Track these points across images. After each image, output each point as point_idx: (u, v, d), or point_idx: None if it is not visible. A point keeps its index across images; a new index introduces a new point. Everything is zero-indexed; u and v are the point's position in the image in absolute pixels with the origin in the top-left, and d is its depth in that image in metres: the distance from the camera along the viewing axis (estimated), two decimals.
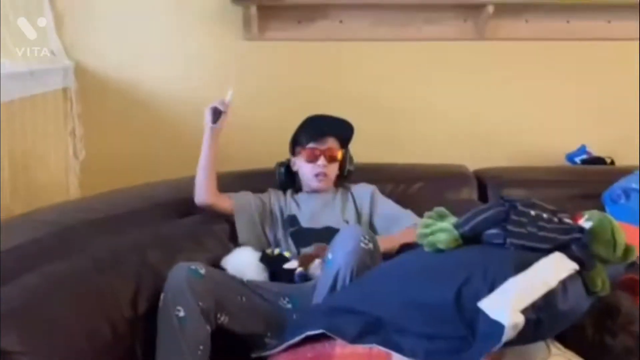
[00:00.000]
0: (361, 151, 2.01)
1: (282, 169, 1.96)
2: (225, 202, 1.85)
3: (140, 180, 2.06)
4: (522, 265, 1.14)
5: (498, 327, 1.04)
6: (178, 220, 1.84)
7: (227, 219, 1.86)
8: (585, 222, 1.24)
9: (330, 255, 1.48)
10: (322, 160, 1.85)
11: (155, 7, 2.46)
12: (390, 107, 2.54)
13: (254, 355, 1.48)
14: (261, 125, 2.50)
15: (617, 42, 2.50)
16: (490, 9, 2.38)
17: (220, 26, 2.47)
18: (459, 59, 2.53)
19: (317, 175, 1.87)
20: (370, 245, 1.44)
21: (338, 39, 2.49)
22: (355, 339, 1.20)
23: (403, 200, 1.93)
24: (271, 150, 2.08)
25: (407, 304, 1.20)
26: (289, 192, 1.95)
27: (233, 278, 1.61)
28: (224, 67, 2.52)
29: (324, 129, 1.89)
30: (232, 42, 2.48)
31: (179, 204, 1.88)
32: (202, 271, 1.49)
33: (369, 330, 1.20)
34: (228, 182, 1.93)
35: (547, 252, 1.18)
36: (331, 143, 1.88)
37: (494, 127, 2.55)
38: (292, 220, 1.85)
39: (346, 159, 1.93)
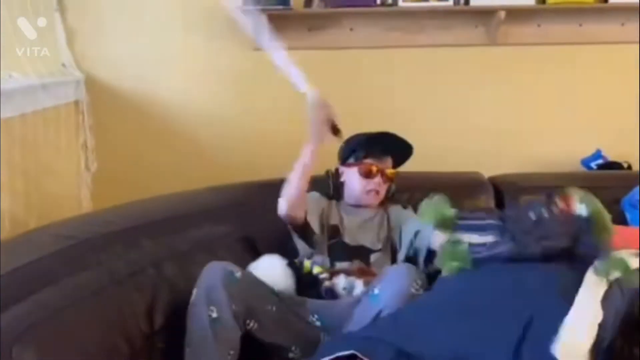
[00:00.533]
0: None
1: (334, 178, 1.89)
2: (301, 212, 1.76)
3: (152, 192, 2.04)
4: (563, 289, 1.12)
5: None
6: (192, 232, 1.82)
7: (243, 233, 1.84)
8: (579, 207, 1.21)
9: (376, 291, 1.44)
10: (378, 178, 1.80)
11: (166, 19, 2.46)
12: (403, 114, 2.53)
13: None
14: (273, 135, 2.48)
15: (631, 45, 2.48)
16: (502, 14, 2.37)
17: (231, 37, 2.47)
18: (471, 65, 2.51)
19: (369, 192, 1.80)
20: (421, 292, 1.42)
21: (349, 47, 2.48)
22: None
23: None
24: (283, 160, 2.06)
25: (452, 339, 1.18)
26: (333, 201, 1.88)
27: (265, 286, 1.57)
28: (235, 77, 2.51)
29: (388, 147, 1.83)
30: (243, 52, 2.48)
31: (192, 216, 1.86)
32: (238, 274, 1.47)
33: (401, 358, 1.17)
34: (248, 194, 1.91)
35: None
36: (390, 162, 1.83)
37: (508, 133, 2.53)
38: (335, 231, 1.78)
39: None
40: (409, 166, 1.95)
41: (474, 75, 2.51)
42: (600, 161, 2.42)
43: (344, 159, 1.87)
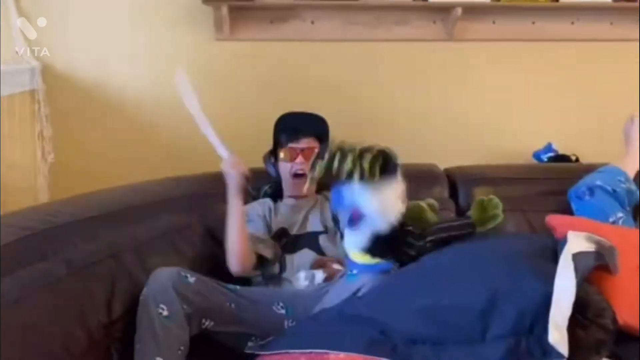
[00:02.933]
0: None
1: (268, 190, 1.97)
2: (254, 257, 1.76)
3: (111, 182, 2.03)
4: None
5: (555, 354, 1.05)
6: (151, 223, 1.82)
7: (202, 223, 1.85)
8: None
9: (355, 271, 1.48)
10: (300, 159, 1.86)
11: (125, 8, 2.43)
12: (361, 107, 2.57)
13: (247, 350, 1.48)
14: (233, 125, 2.48)
15: (581, 42, 2.58)
16: (459, 10, 2.43)
17: (191, 27, 2.46)
18: (428, 60, 2.57)
19: (295, 175, 1.87)
20: (395, 267, 1.46)
21: (309, 39, 2.50)
22: (362, 352, 1.18)
23: None
24: (243, 150, 2.07)
25: (421, 311, 1.19)
26: (269, 201, 1.94)
27: (224, 286, 1.59)
28: (194, 68, 2.50)
29: (299, 128, 1.90)
30: (203, 43, 2.47)
31: (151, 206, 1.86)
32: (192, 279, 1.49)
33: (377, 342, 1.19)
34: (207, 184, 1.92)
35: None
36: (309, 142, 1.89)
37: (463, 126, 2.60)
38: (282, 233, 1.84)
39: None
40: None
41: (431, 70, 2.57)
42: (550, 154, 2.51)
43: (276, 154, 1.94)
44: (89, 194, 1.91)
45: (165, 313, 1.42)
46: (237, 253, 1.69)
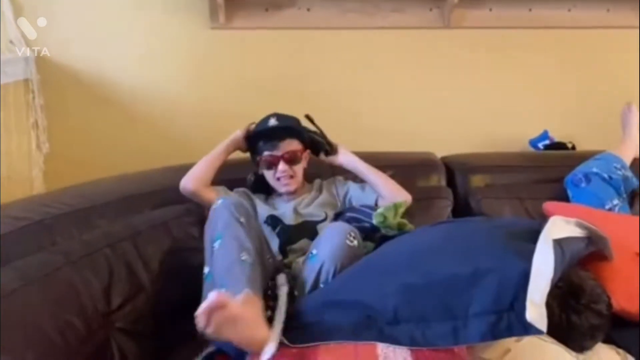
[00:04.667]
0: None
1: (253, 177, 1.92)
2: (211, 194, 1.81)
3: (107, 172, 2.03)
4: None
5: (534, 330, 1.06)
6: (148, 212, 1.82)
7: (199, 212, 1.85)
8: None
9: (314, 250, 1.47)
10: (281, 165, 1.80)
11: None
12: (358, 95, 2.56)
13: None
14: (228, 114, 2.48)
15: (579, 30, 2.57)
16: None
17: (186, 15, 2.44)
18: (425, 47, 2.56)
19: (279, 179, 1.82)
20: (355, 243, 1.45)
21: (305, 27, 2.49)
22: (350, 337, 1.18)
23: None
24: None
25: (408, 288, 1.20)
26: (261, 196, 1.90)
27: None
28: (190, 56, 2.49)
29: (273, 136, 1.80)
30: (199, 32, 2.46)
31: (148, 196, 1.86)
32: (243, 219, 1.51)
33: (362, 325, 1.20)
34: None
35: None
36: (287, 145, 1.81)
37: (460, 114, 2.60)
38: (274, 220, 1.81)
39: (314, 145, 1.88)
40: (362, 146, 1.98)
41: (427, 57, 2.56)
42: (546, 142, 2.51)
43: (253, 158, 1.89)
44: (85, 184, 1.90)
45: (242, 220, 1.46)
46: (198, 171, 1.82)
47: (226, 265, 1.38)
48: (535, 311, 1.04)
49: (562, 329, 1.25)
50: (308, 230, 1.76)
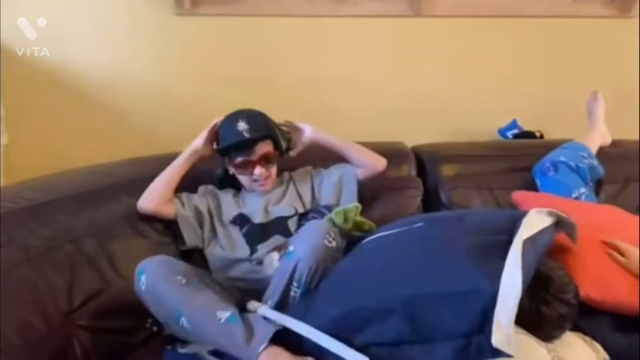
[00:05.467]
0: None
1: (221, 177, 1.86)
2: (170, 209, 1.76)
3: (70, 164, 1.96)
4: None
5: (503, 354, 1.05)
6: (112, 206, 1.76)
7: None
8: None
9: (291, 247, 1.43)
10: (258, 170, 1.75)
11: None
12: (326, 84, 2.53)
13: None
14: (193, 102, 2.43)
15: (546, 19, 2.58)
16: None
17: (151, 1, 2.37)
18: (395, 36, 2.54)
19: (256, 181, 1.78)
20: (334, 244, 1.42)
21: (274, 14, 2.44)
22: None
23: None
24: (203, 129, 2.02)
25: (370, 311, 1.18)
26: (230, 192, 1.85)
27: (206, 273, 1.59)
28: (155, 43, 2.42)
29: (248, 140, 1.71)
30: (164, 18, 2.39)
31: (110, 189, 1.80)
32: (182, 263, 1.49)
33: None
34: (167, 165, 1.86)
35: None
36: (261, 148, 1.74)
37: (430, 104, 2.59)
38: (242, 219, 1.77)
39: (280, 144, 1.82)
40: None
41: (397, 46, 2.54)
42: (515, 131, 2.52)
43: (222, 157, 1.82)
44: (45, 177, 1.84)
45: (184, 281, 1.39)
46: (155, 190, 1.75)
47: (226, 341, 1.32)
48: (502, 336, 1.03)
49: (531, 320, 1.25)
50: (279, 226, 1.74)
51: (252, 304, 1.46)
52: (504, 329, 1.03)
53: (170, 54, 2.43)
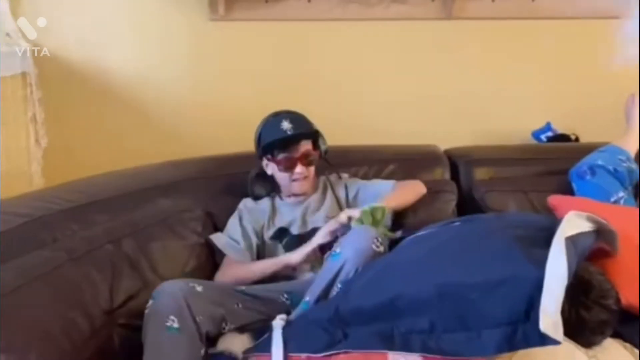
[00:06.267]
0: (331, 134, 1.99)
1: (254, 177, 1.85)
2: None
3: (106, 167, 2.00)
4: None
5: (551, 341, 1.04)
6: (150, 208, 1.79)
7: (202, 208, 1.83)
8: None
9: (338, 249, 1.44)
10: (299, 168, 1.75)
11: None
12: (359, 87, 2.54)
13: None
14: (228, 107, 2.46)
15: (581, 20, 2.55)
16: None
17: (185, 7, 2.41)
18: (427, 38, 2.54)
19: (295, 180, 1.78)
20: (381, 249, 1.43)
21: (306, 18, 2.46)
22: (360, 346, 1.17)
23: None
24: (237, 133, 2.04)
25: (415, 299, 1.18)
26: (266, 203, 1.84)
27: (226, 288, 1.57)
28: (190, 49, 2.46)
29: (293, 137, 1.73)
30: (198, 23, 2.43)
31: (148, 191, 1.84)
32: (200, 288, 1.44)
33: (374, 334, 1.18)
34: (206, 168, 1.90)
35: None
36: (303, 146, 1.76)
37: (463, 106, 2.58)
38: (281, 232, 1.77)
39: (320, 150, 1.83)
40: (365, 140, 1.97)
41: (429, 49, 2.54)
42: (549, 134, 2.49)
43: (260, 154, 1.80)
44: (84, 179, 1.88)
45: (175, 325, 1.34)
46: (241, 280, 1.66)
47: None
48: (549, 321, 1.02)
49: (571, 325, 1.23)
50: None
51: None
52: (551, 314, 1.02)
53: (205, 59, 2.46)
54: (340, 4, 2.46)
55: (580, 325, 1.25)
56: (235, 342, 1.43)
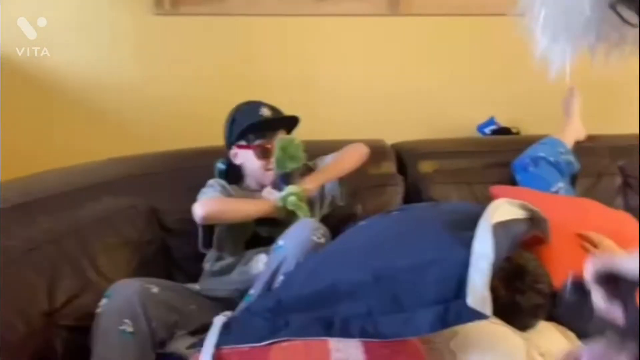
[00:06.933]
0: None
1: (223, 167, 1.81)
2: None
3: (53, 165, 1.95)
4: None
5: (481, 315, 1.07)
6: (92, 206, 1.75)
7: (146, 205, 1.80)
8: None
9: (281, 242, 1.46)
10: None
11: None
12: (306, 83, 2.54)
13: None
14: (176, 104, 2.43)
15: (516, 17, 2.61)
16: None
17: (131, 1, 2.36)
18: (374, 34, 2.56)
19: (269, 170, 1.74)
20: (323, 240, 1.45)
21: (254, 13, 2.45)
22: (300, 334, 1.18)
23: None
24: (186, 129, 2.03)
25: (352, 284, 1.21)
26: (236, 188, 1.80)
27: (182, 290, 1.56)
28: (135, 44, 2.42)
29: (273, 121, 1.74)
30: (143, 18, 2.38)
31: (91, 189, 1.80)
32: (156, 289, 1.43)
33: (312, 322, 1.19)
34: (150, 164, 1.87)
35: None
36: (281, 134, 1.76)
37: (411, 101, 2.61)
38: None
39: None
40: (313, 134, 1.97)
41: (376, 45, 2.56)
42: (493, 127, 2.56)
43: (232, 141, 1.77)
44: (25, 177, 1.83)
45: (129, 329, 1.33)
46: (224, 217, 1.66)
47: None
48: (477, 296, 1.06)
49: (507, 309, 1.28)
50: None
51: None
52: (478, 289, 1.07)
53: (150, 54, 2.42)
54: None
55: (515, 309, 1.29)
56: (186, 344, 1.43)
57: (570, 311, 1.22)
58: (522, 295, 1.29)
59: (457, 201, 2.00)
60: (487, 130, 2.55)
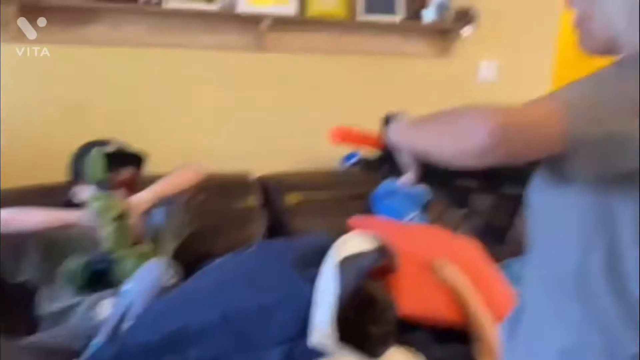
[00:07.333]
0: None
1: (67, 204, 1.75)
2: None
3: None
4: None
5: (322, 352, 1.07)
6: None
7: None
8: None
9: (128, 285, 1.42)
10: (124, 192, 1.70)
11: None
12: (169, 114, 2.49)
13: None
14: (24, 136, 2.26)
15: (381, 56, 2.78)
16: (268, 22, 2.47)
17: None
18: (238, 69, 2.57)
19: None
20: (173, 280, 1.42)
21: (112, 44, 2.36)
22: None
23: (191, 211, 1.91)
24: (34, 165, 1.90)
25: (202, 326, 1.19)
26: None
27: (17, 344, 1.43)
28: None
29: (120, 157, 1.75)
30: None
31: None
32: None
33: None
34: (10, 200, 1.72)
35: None
36: (129, 170, 1.77)
37: (277, 135, 2.64)
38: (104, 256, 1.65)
39: None
40: (174, 167, 1.93)
41: (241, 79, 2.58)
42: (356, 159, 2.66)
43: (75, 179, 1.74)
44: None
45: None
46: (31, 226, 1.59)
47: None
48: (321, 334, 1.08)
49: (359, 338, 1.31)
50: None
51: None
52: (322, 327, 1.09)
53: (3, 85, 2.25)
54: (148, 30, 2.40)
55: (367, 338, 1.33)
56: None
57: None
58: (374, 324, 1.34)
59: (316, 233, 2.04)
60: (350, 162, 2.64)
